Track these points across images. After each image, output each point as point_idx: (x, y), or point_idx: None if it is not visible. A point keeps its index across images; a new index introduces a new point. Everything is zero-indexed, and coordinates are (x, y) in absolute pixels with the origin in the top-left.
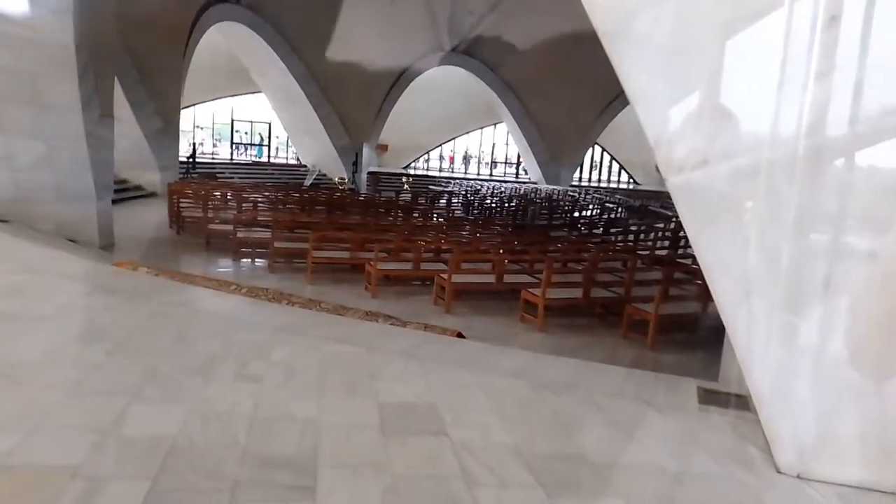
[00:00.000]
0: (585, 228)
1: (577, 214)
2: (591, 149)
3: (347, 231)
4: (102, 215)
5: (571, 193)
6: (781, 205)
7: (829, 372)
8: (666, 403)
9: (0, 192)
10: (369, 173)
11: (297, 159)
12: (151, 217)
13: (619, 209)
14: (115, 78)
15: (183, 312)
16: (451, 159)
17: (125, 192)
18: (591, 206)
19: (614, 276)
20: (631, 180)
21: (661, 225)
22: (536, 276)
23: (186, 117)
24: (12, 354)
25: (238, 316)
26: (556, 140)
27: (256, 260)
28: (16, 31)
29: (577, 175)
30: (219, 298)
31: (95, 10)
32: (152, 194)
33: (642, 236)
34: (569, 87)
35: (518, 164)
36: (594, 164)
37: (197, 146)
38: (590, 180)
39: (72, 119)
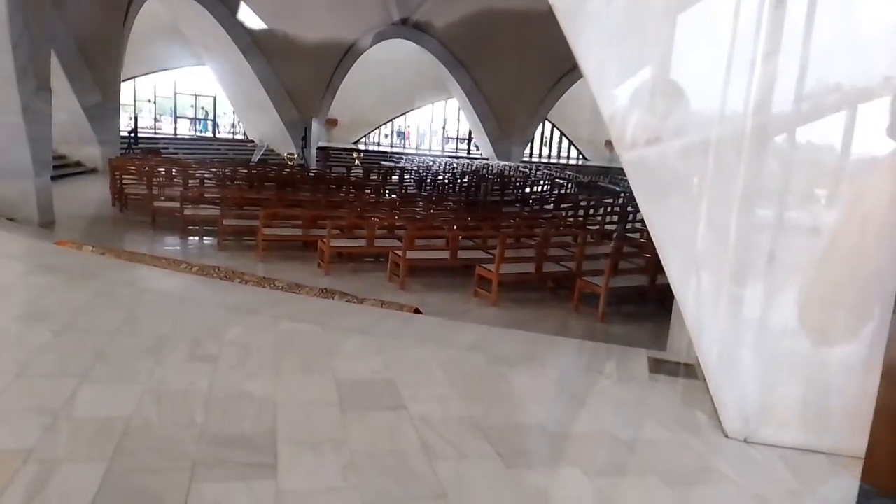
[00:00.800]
0: (537, 204)
1: (528, 190)
2: (541, 125)
3: (299, 208)
4: (41, 192)
5: (522, 169)
6: (729, 181)
7: (773, 341)
8: (617, 373)
9: None
10: (319, 149)
11: (245, 134)
12: (93, 194)
13: (570, 185)
14: (51, 49)
15: (131, 292)
16: (408, 134)
17: (64, 169)
18: (542, 182)
19: (565, 251)
20: (580, 156)
21: (610, 200)
22: (490, 251)
23: (127, 90)
24: None
25: (189, 295)
26: (506, 116)
27: (205, 238)
28: None
29: (527, 151)
30: (168, 277)
31: None
32: (93, 170)
33: (592, 211)
34: (519, 61)
35: (469, 140)
36: (544, 140)
37: (138, 120)
38: (540, 156)
39: (6, 92)
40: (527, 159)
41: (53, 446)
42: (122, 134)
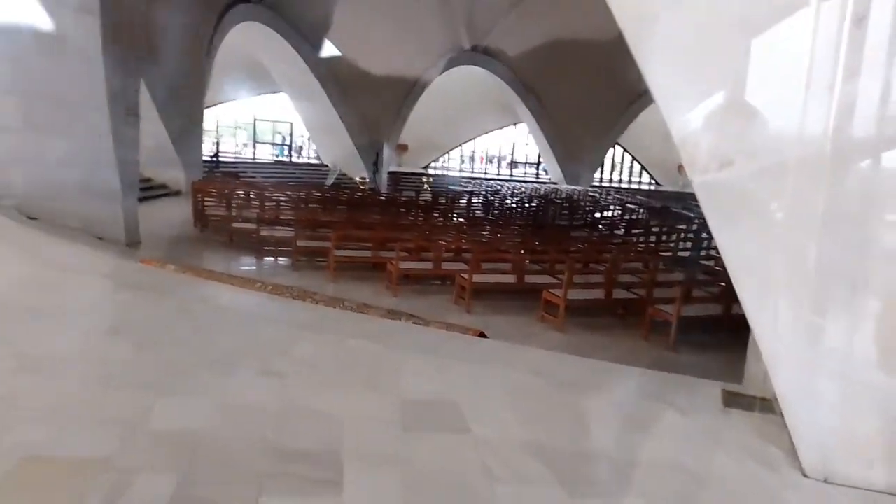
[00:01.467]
0: (606, 229)
1: (597, 215)
2: (612, 149)
3: (369, 230)
4: (128, 213)
5: (592, 194)
6: (808, 205)
7: (855, 374)
8: (688, 404)
9: (29, 190)
10: (389, 173)
11: (319, 159)
12: (176, 215)
13: (641, 210)
14: (141, 78)
15: (208, 309)
16: (482, 160)
17: (150, 191)
18: (612, 207)
19: (636, 278)
20: (652, 181)
21: (684, 226)
22: (557, 276)
23: (210, 116)
24: (44, 349)
25: (261, 313)
26: (576, 140)
27: (279, 258)
28: (45, 31)
29: (597, 175)
30: (242, 295)
31: (121, 11)
32: (177, 192)
33: (664, 237)
34: (589, 86)
35: (538, 164)
36: (615, 164)
37: (220, 145)
38: (610, 181)
39: (98, 117)
40: (597, 183)
41: (130, 456)
42: (205, 158)
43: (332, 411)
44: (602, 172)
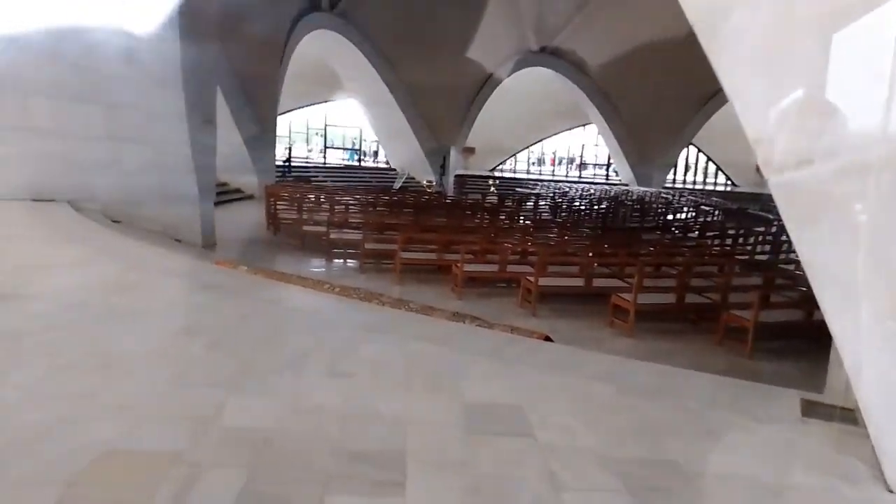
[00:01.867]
0: (679, 232)
1: (670, 217)
2: (685, 149)
3: (434, 233)
4: (205, 216)
5: (664, 196)
6: (892, 206)
7: None
8: (764, 414)
9: (112, 195)
10: (456, 176)
11: (387, 163)
12: (249, 218)
13: (716, 212)
14: (217, 86)
15: (278, 309)
16: (553, 161)
17: (225, 195)
18: (685, 209)
19: (709, 282)
20: (728, 182)
21: (761, 229)
22: (627, 280)
23: (282, 123)
24: (123, 346)
25: (329, 314)
26: (647, 141)
27: (348, 260)
28: (127, 42)
29: (670, 177)
30: (311, 296)
31: (200, 22)
32: (250, 197)
33: (740, 240)
34: (662, 85)
35: (608, 165)
36: (689, 165)
37: (292, 150)
38: (684, 182)
39: (177, 125)
40: (669, 185)
41: (201, 451)
42: (277, 163)
43: (396, 413)
44: (675, 174)
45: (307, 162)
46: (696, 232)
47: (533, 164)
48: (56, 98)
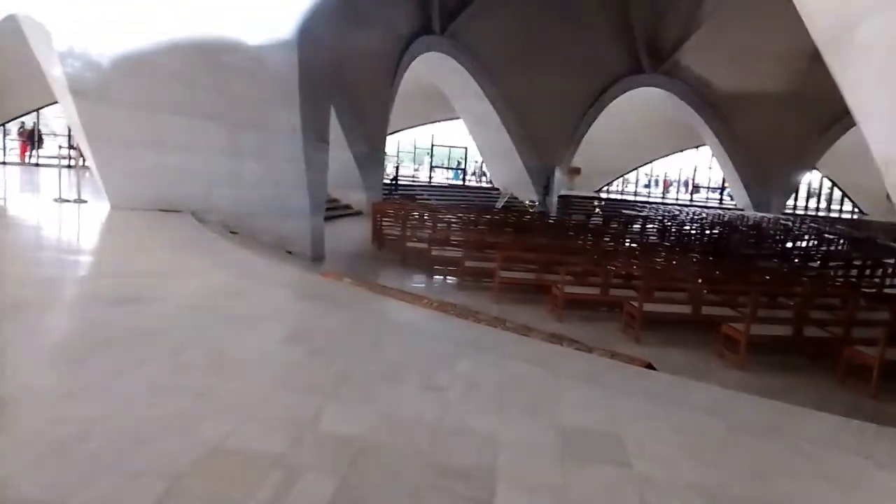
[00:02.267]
0: (799, 261)
1: (789, 245)
2: (808, 174)
3: (534, 252)
4: (315, 230)
5: (783, 222)
6: None
7: None
8: (888, 459)
9: (231, 207)
10: (560, 196)
11: (490, 182)
12: (356, 234)
13: (840, 241)
14: (331, 105)
15: (378, 321)
16: (666, 184)
17: (335, 211)
18: (806, 237)
19: (831, 315)
20: (855, 209)
21: (892, 261)
22: (739, 309)
23: (391, 142)
24: (234, 350)
25: (427, 328)
26: (766, 164)
27: (448, 277)
28: (249, 64)
29: (790, 202)
30: (410, 310)
31: (315, 44)
32: (358, 213)
33: (867, 272)
34: (783, 106)
35: (722, 189)
36: (811, 190)
37: (399, 169)
38: (806, 208)
39: (292, 142)
40: (789, 211)
41: (299, 456)
42: (385, 181)
43: (489, 431)
44: (796, 199)
45: (413, 180)
46: (818, 261)
47: (645, 185)
48: (186, 115)
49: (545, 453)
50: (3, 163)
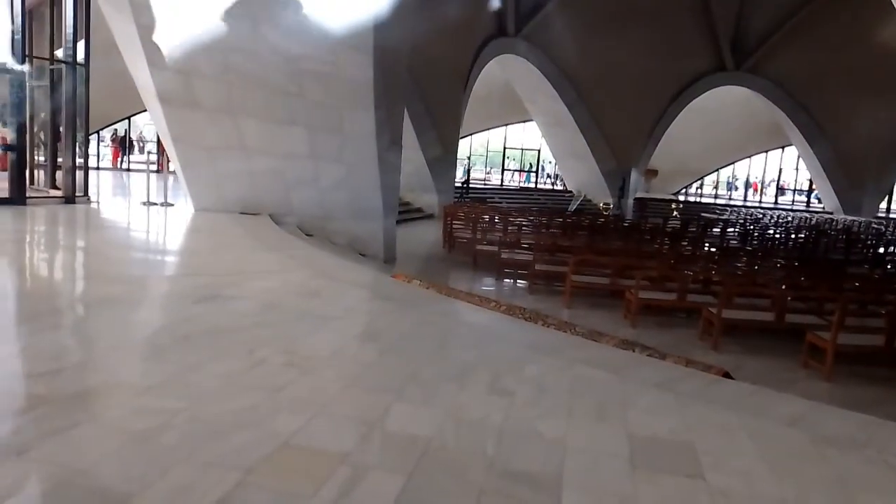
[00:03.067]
0: (893, 267)
1: (882, 251)
2: None
3: (608, 256)
4: (387, 232)
5: (876, 226)
6: None
7: None
8: None
9: (308, 210)
10: (636, 199)
11: (563, 184)
12: (428, 236)
13: None
14: (404, 108)
15: (446, 323)
16: (756, 186)
17: (407, 213)
18: None
19: None
20: None
21: None
22: (826, 317)
23: (463, 145)
24: (307, 347)
25: (495, 330)
26: (857, 164)
27: (518, 281)
28: (325, 69)
29: (883, 205)
30: (478, 313)
31: (390, 49)
32: (430, 216)
33: None
34: (875, 103)
35: (810, 191)
36: None
37: (470, 172)
38: None
39: (367, 145)
40: (882, 214)
41: (366, 454)
42: (456, 184)
43: (556, 436)
44: (890, 202)
45: (485, 183)
46: None
47: (734, 188)
48: (266, 120)
49: (614, 461)
50: (98, 168)
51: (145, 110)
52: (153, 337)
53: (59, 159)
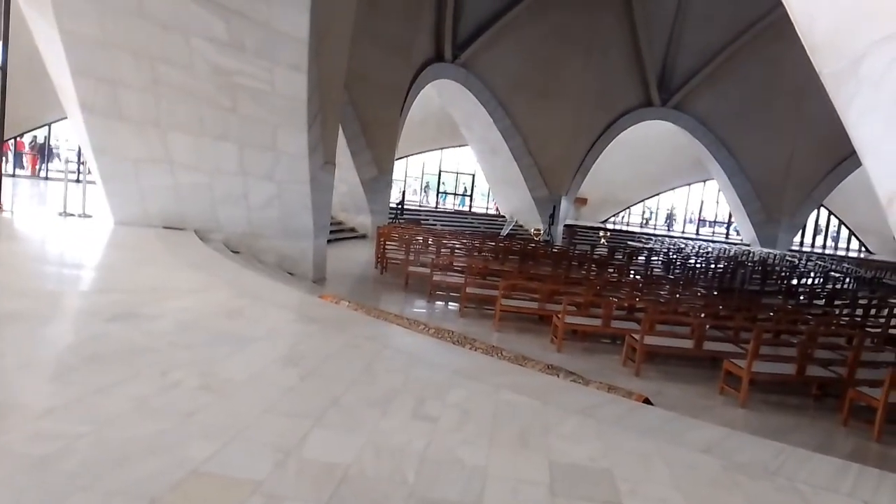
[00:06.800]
0: (804, 298)
1: (794, 282)
2: (815, 211)
3: (537, 281)
4: (317, 252)
5: (790, 259)
6: None
7: None
8: None
9: (235, 227)
10: (566, 226)
11: (497, 209)
12: (360, 257)
13: (847, 280)
14: (339, 128)
15: (372, 346)
16: (699, 219)
17: (340, 233)
18: (812, 274)
19: (836, 354)
20: (862, 248)
21: None
22: (742, 345)
23: (399, 166)
24: (224, 370)
25: (422, 354)
26: (773, 199)
27: (449, 303)
28: (259, 85)
29: (797, 239)
30: (407, 336)
31: (326, 68)
32: (363, 236)
33: (873, 311)
34: (791, 142)
35: (729, 223)
36: (818, 228)
37: (405, 194)
38: (812, 245)
39: (299, 164)
40: (795, 248)
41: (280, 482)
42: (391, 205)
43: (478, 463)
44: (803, 236)
45: (420, 206)
46: (824, 300)
47: (646, 217)
48: (195, 134)
49: (535, 488)
50: (13, 175)
51: (66, 117)
52: (60, 355)
53: None
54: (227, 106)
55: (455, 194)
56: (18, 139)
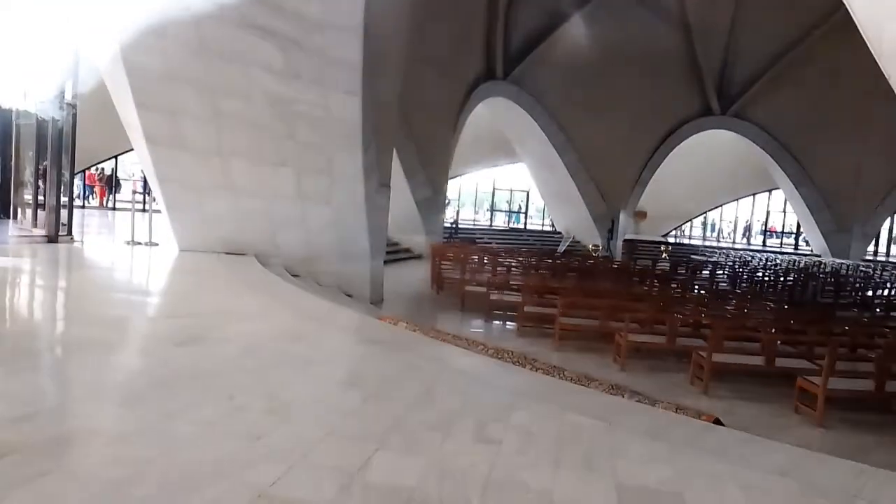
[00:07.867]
0: (881, 310)
1: (870, 293)
2: (889, 219)
3: (597, 298)
4: (375, 274)
5: (864, 269)
6: None
7: None
8: None
9: (295, 251)
10: (625, 241)
11: (552, 226)
12: (416, 277)
13: None
14: (394, 150)
15: (432, 367)
16: (773, 230)
17: (396, 254)
18: (888, 285)
19: None
20: None
21: None
22: (816, 361)
23: (453, 186)
24: (287, 393)
25: (482, 375)
26: (845, 208)
27: (507, 322)
28: (315, 111)
29: (871, 248)
30: (466, 356)
31: (381, 91)
32: (418, 256)
33: None
34: (860, 149)
35: (797, 234)
36: (894, 237)
37: (459, 213)
38: (888, 255)
39: (355, 187)
40: (870, 258)
41: None
42: (445, 225)
43: (544, 486)
44: (877, 245)
45: (474, 224)
46: None
47: (711, 230)
48: (255, 161)
49: None
50: (83, 206)
51: (132, 149)
52: (130, 380)
53: (41, 198)
54: (285, 133)
55: (510, 212)
56: (87, 171)
